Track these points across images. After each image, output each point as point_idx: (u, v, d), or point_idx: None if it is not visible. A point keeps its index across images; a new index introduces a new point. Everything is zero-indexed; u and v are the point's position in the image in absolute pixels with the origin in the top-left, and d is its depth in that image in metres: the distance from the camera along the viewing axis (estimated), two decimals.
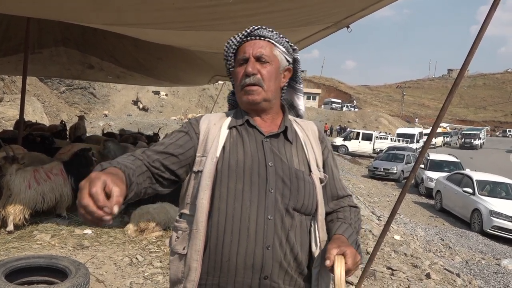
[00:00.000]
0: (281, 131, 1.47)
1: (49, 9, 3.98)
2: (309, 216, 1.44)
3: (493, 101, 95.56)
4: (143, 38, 5.36)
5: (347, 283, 4.76)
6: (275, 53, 1.47)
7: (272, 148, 1.43)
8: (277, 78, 1.48)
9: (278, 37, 1.49)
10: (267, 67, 1.44)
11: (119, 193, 1.06)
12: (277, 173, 1.38)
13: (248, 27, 1.48)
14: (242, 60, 1.45)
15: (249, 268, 1.31)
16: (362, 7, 3.78)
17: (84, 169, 5.60)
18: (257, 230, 1.32)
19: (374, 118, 53.12)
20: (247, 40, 1.47)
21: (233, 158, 1.39)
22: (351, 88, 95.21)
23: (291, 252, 1.36)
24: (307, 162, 1.47)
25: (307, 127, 1.57)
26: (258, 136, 1.45)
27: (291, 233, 1.36)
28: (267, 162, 1.39)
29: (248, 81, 1.42)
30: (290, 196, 1.37)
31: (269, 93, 1.45)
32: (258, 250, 1.31)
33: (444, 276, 5.89)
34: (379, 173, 20.38)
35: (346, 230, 1.42)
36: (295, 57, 1.55)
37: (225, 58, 1.53)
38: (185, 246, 1.38)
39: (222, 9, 3.55)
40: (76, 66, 9.33)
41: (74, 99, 33.10)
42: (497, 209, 10.93)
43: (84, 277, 3.05)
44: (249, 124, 1.47)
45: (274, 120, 1.51)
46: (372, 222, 8.25)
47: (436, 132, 3.61)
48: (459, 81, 3.13)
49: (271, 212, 1.34)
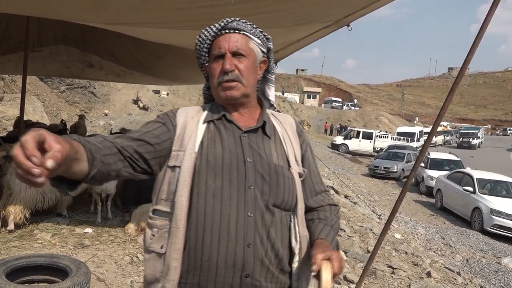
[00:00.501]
0: (259, 125, 1.44)
1: (48, 8, 3.97)
2: (289, 211, 1.41)
3: (494, 100, 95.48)
4: (143, 37, 5.36)
5: (348, 282, 4.76)
6: (251, 46, 1.43)
7: (251, 143, 1.39)
8: (255, 72, 1.45)
9: (252, 29, 1.44)
10: (244, 61, 1.40)
11: (59, 149, 0.92)
12: (256, 169, 1.35)
13: (221, 20, 1.42)
14: (218, 56, 1.40)
15: (230, 267, 1.29)
16: (362, 5, 3.78)
17: None
18: (237, 228, 1.29)
19: (374, 117, 53.11)
20: (221, 34, 1.41)
21: (211, 154, 1.35)
22: (352, 87, 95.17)
23: (272, 249, 1.34)
24: (286, 157, 1.44)
25: (285, 121, 1.54)
26: (236, 131, 1.41)
27: (272, 229, 1.34)
28: (246, 158, 1.36)
29: (226, 78, 1.38)
30: (270, 192, 1.35)
31: (248, 88, 1.42)
32: (238, 248, 1.29)
33: (444, 274, 5.89)
34: (379, 172, 20.37)
35: (328, 234, 1.41)
36: (268, 46, 1.51)
37: (198, 53, 1.47)
38: (163, 244, 1.33)
39: (223, 9, 3.54)
40: (76, 65, 9.32)
41: (74, 98, 33.09)
42: (498, 208, 10.92)
43: (84, 276, 3.05)
44: (226, 119, 1.43)
45: (252, 114, 1.48)
46: (372, 221, 8.25)
47: (437, 130, 3.61)
48: (459, 79, 3.13)
49: (251, 209, 1.31)
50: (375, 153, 29.42)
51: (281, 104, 50.95)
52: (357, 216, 8.29)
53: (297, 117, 48.39)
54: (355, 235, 6.76)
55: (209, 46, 1.43)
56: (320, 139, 37.07)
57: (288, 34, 4.76)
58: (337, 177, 14.83)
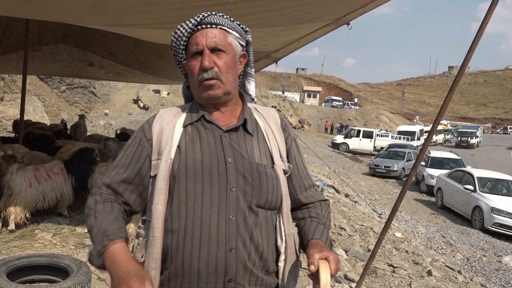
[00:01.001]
0: (240, 124, 1.39)
1: (47, 11, 3.97)
2: (274, 210, 1.39)
3: (494, 98, 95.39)
4: (143, 38, 5.36)
5: (349, 280, 4.76)
6: (229, 41, 1.37)
7: (232, 143, 1.35)
8: (235, 67, 1.40)
9: (230, 22, 1.39)
10: (223, 57, 1.34)
11: None
12: (238, 169, 1.31)
13: (197, 15, 1.37)
14: (195, 53, 1.35)
15: (212, 272, 1.26)
16: (362, 4, 3.77)
17: (85, 168, 5.61)
18: (218, 233, 1.26)
19: (374, 115, 53.08)
20: (197, 30, 1.35)
21: (190, 158, 1.31)
22: (352, 85, 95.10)
23: (256, 251, 1.31)
24: (269, 154, 1.40)
25: (268, 115, 1.48)
26: (216, 131, 1.37)
27: (256, 231, 1.31)
28: (227, 158, 1.32)
29: (206, 76, 1.32)
30: (252, 193, 1.31)
31: (229, 85, 1.36)
32: (220, 253, 1.26)
33: (445, 273, 5.89)
34: (380, 171, 20.38)
35: (323, 233, 1.38)
36: (247, 39, 1.46)
37: (174, 50, 1.41)
38: (143, 254, 1.32)
39: (222, 9, 3.53)
40: (77, 64, 9.33)
41: (74, 98, 33.08)
42: (498, 206, 10.92)
43: (85, 275, 3.05)
44: (206, 120, 1.38)
45: (234, 112, 1.43)
46: (373, 220, 8.25)
47: (437, 129, 3.61)
48: (459, 78, 3.13)
49: (233, 212, 1.28)
50: (375, 152, 29.44)
51: (281, 103, 50.88)
52: (357, 215, 8.29)
53: (298, 116, 48.37)
54: (356, 234, 6.76)
55: (185, 42, 1.38)
56: (320, 138, 37.07)
57: (288, 33, 4.76)
58: (337, 176, 14.83)
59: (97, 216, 1.30)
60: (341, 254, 5.52)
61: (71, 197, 5.41)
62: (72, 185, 5.40)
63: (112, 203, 1.35)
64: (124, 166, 1.39)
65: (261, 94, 46.43)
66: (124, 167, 1.38)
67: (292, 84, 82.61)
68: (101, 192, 1.38)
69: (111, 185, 1.38)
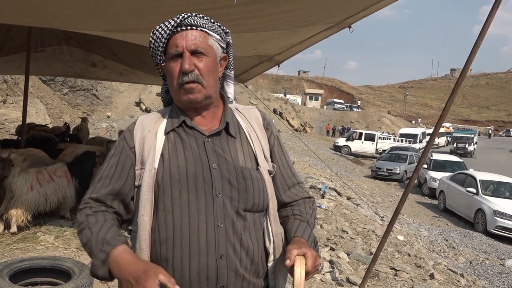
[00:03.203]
0: (222, 128, 1.36)
1: (48, 18, 3.98)
2: (262, 212, 1.38)
3: (496, 101, 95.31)
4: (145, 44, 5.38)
5: (351, 283, 4.75)
6: (210, 43, 1.34)
7: (215, 148, 1.33)
8: (215, 70, 1.37)
9: (210, 24, 1.36)
10: (204, 60, 1.31)
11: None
12: (223, 175, 1.29)
13: (177, 16, 1.33)
14: (175, 55, 1.31)
15: (204, 281, 1.24)
16: (363, 7, 3.78)
17: (88, 170, 5.63)
18: (208, 241, 1.25)
19: (376, 118, 53.05)
20: (177, 31, 1.32)
21: (174, 166, 1.29)
22: (354, 88, 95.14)
23: (247, 255, 1.30)
24: (253, 155, 1.38)
25: (250, 115, 1.46)
26: (198, 137, 1.34)
27: (245, 235, 1.30)
28: (211, 164, 1.30)
29: (186, 79, 1.29)
30: (239, 197, 1.30)
31: (209, 89, 1.33)
32: (211, 261, 1.24)
33: (448, 276, 5.87)
34: (382, 174, 20.35)
35: (305, 231, 1.37)
36: (227, 41, 1.43)
37: (153, 52, 1.38)
38: None
39: (224, 12, 3.54)
40: (79, 64, 9.37)
41: (77, 100, 33.14)
42: (501, 209, 10.89)
43: (87, 278, 3.05)
44: (187, 125, 1.35)
45: (215, 115, 1.40)
46: (375, 223, 8.23)
47: (439, 132, 3.60)
48: (461, 80, 3.13)
49: (221, 219, 1.26)
50: (377, 155, 29.38)
51: (283, 106, 50.88)
52: (359, 217, 8.27)
53: (299, 119, 48.40)
54: (358, 237, 6.75)
55: (164, 44, 1.34)
56: (322, 140, 37.04)
57: (290, 36, 4.77)
58: (339, 179, 14.81)
59: (91, 227, 1.27)
60: (343, 257, 5.51)
61: (74, 200, 5.42)
62: (76, 187, 5.42)
63: (104, 213, 1.32)
64: (108, 177, 1.35)
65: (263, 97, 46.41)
66: (109, 178, 1.35)
67: (294, 87, 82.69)
68: (90, 205, 1.33)
69: (98, 198, 1.34)
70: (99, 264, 1.21)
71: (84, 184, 5.56)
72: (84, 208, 1.33)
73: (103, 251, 1.21)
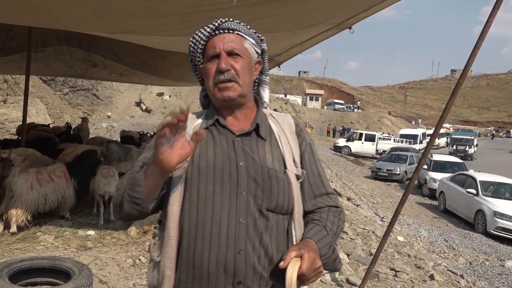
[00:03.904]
0: (252, 128, 1.41)
1: (50, 18, 3.98)
2: (286, 215, 1.39)
3: (497, 102, 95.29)
4: (147, 44, 5.39)
5: (351, 284, 4.75)
6: (245, 46, 1.41)
7: (244, 148, 1.37)
8: (250, 72, 1.43)
9: (246, 29, 1.43)
10: (240, 61, 1.38)
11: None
12: (249, 173, 1.33)
13: (215, 21, 1.41)
14: (212, 56, 1.38)
15: (222, 274, 1.27)
16: (364, 8, 3.78)
17: (88, 170, 5.61)
18: (228, 235, 1.28)
19: (377, 119, 53.04)
20: (215, 34, 1.39)
21: (203, 160, 1.34)
22: (354, 89, 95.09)
23: (266, 255, 1.32)
24: (282, 159, 1.40)
25: (283, 121, 1.49)
26: (229, 135, 1.39)
27: (265, 235, 1.32)
28: (238, 162, 1.34)
29: (223, 78, 1.35)
30: (263, 196, 1.32)
31: (244, 88, 1.39)
32: (229, 255, 1.27)
33: (447, 277, 5.87)
34: (382, 174, 20.34)
35: (317, 233, 1.35)
36: (262, 48, 1.49)
37: (192, 54, 1.45)
38: (159, 253, 1.35)
39: (225, 13, 3.54)
40: (80, 65, 9.38)
41: (77, 100, 33.16)
42: (501, 210, 10.88)
43: (87, 278, 3.05)
44: (220, 124, 1.41)
45: (248, 117, 1.45)
46: (375, 223, 8.23)
47: (439, 132, 3.60)
48: (461, 81, 3.13)
49: (243, 215, 1.29)
50: (377, 155, 29.36)
51: (284, 106, 50.88)
52: (359, 218, 8.27)
53: (300, 119, 48.32)
54: (358, 237, 6.75)
55: (203, 47, 1.41)
56: (322, 141, 37.02)
57: (291, 37, 4.77)
58: (339, 179, 14.81)
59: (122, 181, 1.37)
60: (343, 258, 5.50)
61: (74, 200, 5.42)
62: (75, 187, 5.41)
63: None
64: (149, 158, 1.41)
65: None
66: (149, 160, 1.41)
67: (294, 87, 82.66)
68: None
69: None
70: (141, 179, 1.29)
71: (83, 184, 5.56)
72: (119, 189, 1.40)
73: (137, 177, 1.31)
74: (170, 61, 7.67)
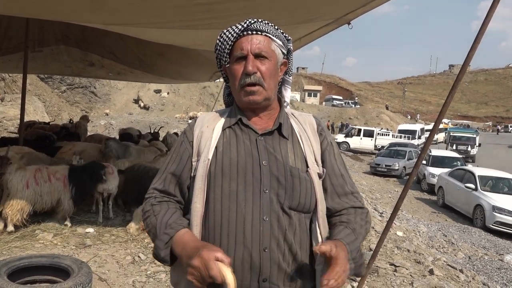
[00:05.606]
0: (275, 128, 1.42)
1: (47, 9, 3.96)
2: (309, 213, 1.40)
3: (495, 97, 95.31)
4: (144, 37, 5.36)
5: (350, 279, 4.75)
6: (272, 48, 1.41)
7: (267, 146, 1.38)
8: (276, 74, 1.43)
9: (274, 30, 1.43)
10: (266, 64, 1.38)
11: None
12: (272, 172, 1.34)
13: (244, 21, 1.40)
14: (239, 57, 1.39)
15: (247, 271, 1.29)
16: (362, 3, 3.76)
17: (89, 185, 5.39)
18: (252, 232, 1.29)
19: (375, 114, 53.04)
20: (243, 35, 1.39)
21: (227, 159, 1.36)
22: (352, 84, 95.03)
23: (290, 252, 1.33)
24: (304, 158, 1.41)
25: (305, 120, 1.51)
26: (252, 134, 1.41)
27: (289, 232, 1.33)
28: (261, 161, 1.35)
29: (249, 81, 1.36)
30: (285, 195, 1.33)
31: (269, 91, 1.40)
32: (255, 252, 1.29)
33: (447, 272, 5.88)
34: (381, 170, 20.34)
35: (347, 236, 1.34)
36: (288, 47, 1.50)
37: (219, 54, 1.46)
38: None
39: (221, 7, 3.53)
40: (77, 64, 9.36)
41: (75, 98, 33.11)
42: (500, 205, 10.90)
43: (86, 275, 3.04)
44: (243, 123, 1.42)
45: (271, 116, 1.46)
46: (374, 219, 8.24)
47: (438, 128, 3.59)
48: (461, 76, 3.11)
49: (267, 213, 1.31)
50: (376, 151, 29.39)
51: None
52: None
53: None
54: None
55: (230, 47, 1.41)
56: None
57: (289, 32, 4.71)
58: None
59: (156, 215, 1.37)
60: None
61: (71, 206, 5.23)
62: (72, 195, 5.19)
63: (167, 202, 1.42)
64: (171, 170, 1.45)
65: None
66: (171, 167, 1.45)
67: (292, 83, 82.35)
68: (155, 195, 1.44)
69: (162, 188, 1.44)
70: (162, 245, 1.30)
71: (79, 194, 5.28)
72: (149, 198, 1.44)
73: (166, 233, 1.29)
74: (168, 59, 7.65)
